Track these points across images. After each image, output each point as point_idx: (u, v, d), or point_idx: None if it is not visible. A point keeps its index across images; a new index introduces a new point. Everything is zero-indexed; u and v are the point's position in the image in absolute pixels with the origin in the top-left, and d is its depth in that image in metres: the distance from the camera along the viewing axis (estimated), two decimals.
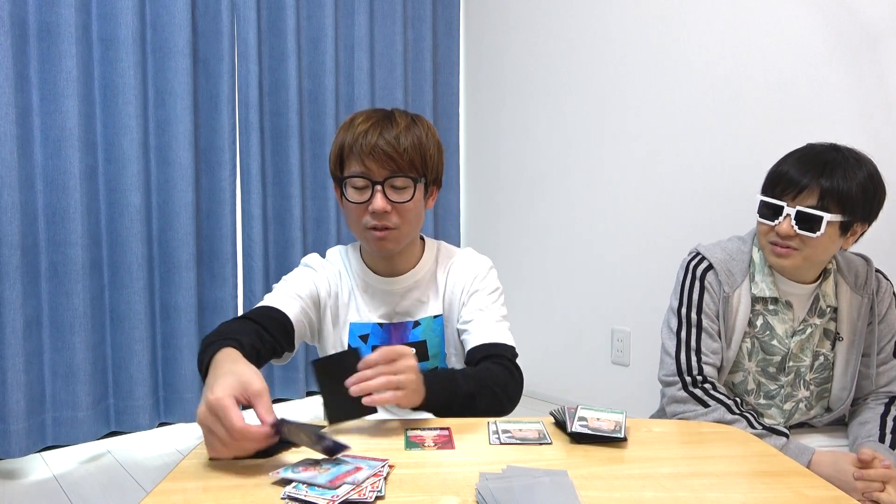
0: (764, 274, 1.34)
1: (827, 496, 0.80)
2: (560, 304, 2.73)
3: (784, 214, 1.24)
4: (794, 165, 1.26)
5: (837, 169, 1.22)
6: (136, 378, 2.23)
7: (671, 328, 1.38)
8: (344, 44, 2.73)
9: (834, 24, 1.88)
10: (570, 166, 2.65)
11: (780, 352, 1.34)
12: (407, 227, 1.17)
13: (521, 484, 0.79)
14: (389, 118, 1.15)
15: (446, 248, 1.31)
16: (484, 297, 1.24)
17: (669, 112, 2.30)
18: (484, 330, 1.20)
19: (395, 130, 1.13)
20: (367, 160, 1.12)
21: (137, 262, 2.22)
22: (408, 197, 1.15)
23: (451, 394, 1.04)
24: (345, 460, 0.85)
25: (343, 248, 1.31)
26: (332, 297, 1.25)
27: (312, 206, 2.69)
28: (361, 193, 1.14)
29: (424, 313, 1.25)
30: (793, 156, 1.29)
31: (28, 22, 2.01)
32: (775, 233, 1.26)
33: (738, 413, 1.27)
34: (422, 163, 1.16)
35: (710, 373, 1.33)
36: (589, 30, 2.55)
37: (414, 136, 1.14)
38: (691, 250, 1.42)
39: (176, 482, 0.82)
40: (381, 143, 1.11)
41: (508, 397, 1.11)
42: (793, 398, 1.36)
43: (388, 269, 1.25)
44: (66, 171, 2.07)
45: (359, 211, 1.15)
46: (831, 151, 1.26)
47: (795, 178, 1.24)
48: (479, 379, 1.09)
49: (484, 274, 1.27)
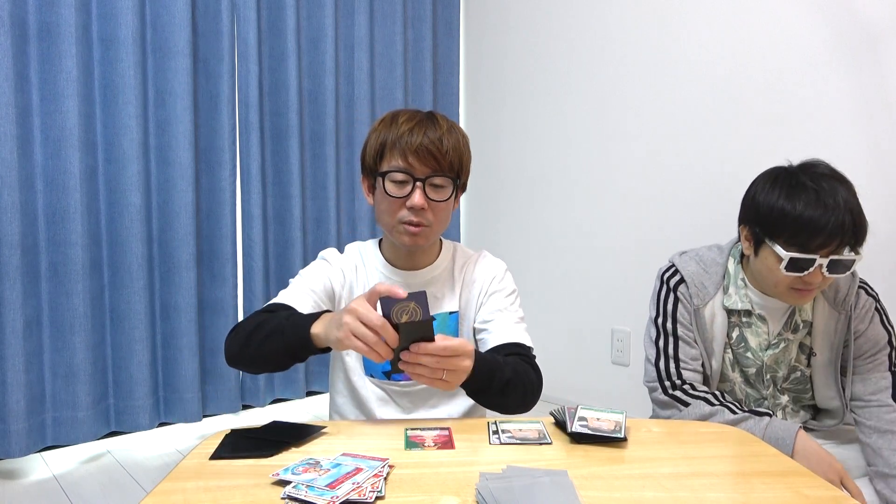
0: (738, 286, 1.34)
1: (827, 496, 0.80)
2: (560, 304, 2.73)
3: (815, 265, 1.18)
4: (816, 211, 1.16)
5: (851, 203, 1.18)
6: (136, 378, 2.23)
7: (651, 337, 1.40)
8: (344, 44, 2.73)
9: (834, 24, 1.88)
10: (570, 166, 2.65)
11: (755, 364, 1.35)
12: (439, 225, 1.21)
13: (521, 484, 0.79)
14: (432, 119, 1.19)
15: (462, 249, 1.35)
16: (503, 298, 1.27)
17: (669, 112, 2.30)
18: (505, 329, 1.22)
19: (438, 132, 1.17)
20: (411, 156, 1.15)
21: (137, 262, 2.22)
22: (445, 196, 1.18)
23: (491, 380, 1.06)
24: (345, 461, 0.85)
25: (361, 244, 1.33)
26: (346, 289, 1.27)
27: (312, 206, 2.69)
28: (401, 188, 1.17)
29: (440, 309, 1.27)
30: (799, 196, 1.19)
31: (28, 22, 2.01)
32: (802, 281, 1.21)
33: (717, 404, 1.27)
34: (459, 165, 1.20)
35: (691, 377, 1.35)
36: (589, 30, 2.55)
37: (455, 140, 1.19)
38: (669, 260, 1.43)
39: (176, 482, 0.82)
40: (425, 141, 1.15)
41: (532, 395, 1.13)
42: (778, 406, 1.37)
43: (407, 264, 1.27)
44: (66, 171, 2.07)
45: (395, 205, 1.18)
46: (827, 180, 1.20)
47: (831, 230, 1.15)
48: (515, 371, 1.10)
49: (502, 275, 1.30)
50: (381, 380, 1.26)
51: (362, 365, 1.26)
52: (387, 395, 1.26)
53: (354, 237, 2.80)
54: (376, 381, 1.26)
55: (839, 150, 1.85)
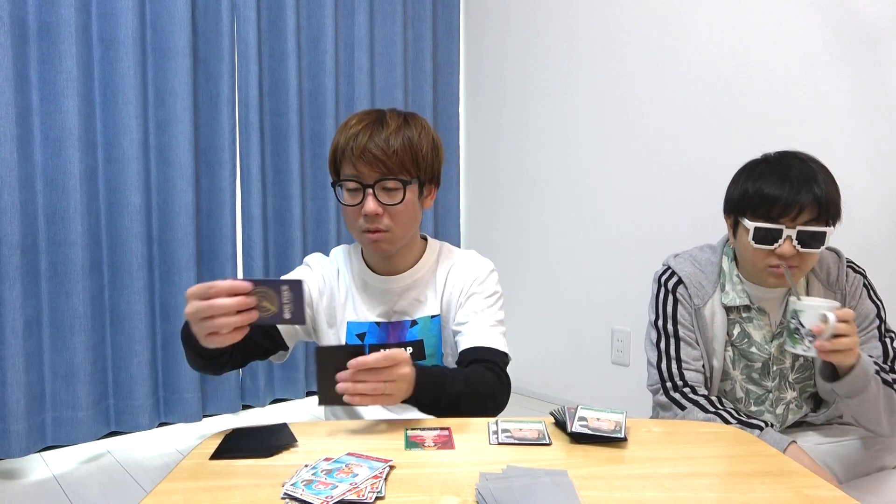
0: (733, 283, 1.36)
1: (827, 496, 0.80)
2: (560, 304, 2.73)
3: (784, 237, 1.22)
4: (779, 185, 1.22)
5: (818, 178, 1.22)
6: (136, 378, 2.23)
7: (652, 340, 1.41)
8: (344, 44, 2.73)
9: (834, 24, 1.88)
10: (570, 166, 2.65)
11: (761, 358, 1.35)
12: (400, 228, 1.17)
13: (521, 484, 0.79)
14: (381, 120, 1.16)
15: (448, 249, 1.32)
16: (481, 300, 1.24)
17: (669, 112, 2.30)
18: (477, 333, 1.20)
19: (385, 132, 1.13)
20: (358, 163, 1.13)
21: (137, 262, 2.22)
22: (398, 199, 1.15)
23: (439, 394, 1.06)
24: (349, 460, 0.85)
25: (346, 247, 1.32)
26: (325, 296, 1.26)
27: (312, 206, 2.69)
28: (354, 196, 1.16)
29: (422, 313, 1.25)
30: (767, 174, 1.26)
31: (28, 22, 2.01)
32: (775, 255, 1.23)
33: (711, 412, 1.28)
34: (413, 163, 1.16)
35: (694, 378, 1.35)
36: (589, 30, 2.55)
37: (405, 138, 1.15)
38: (663, 263, 1.44)
39: (176, 482, 0.82)
40: (370, 145, 1.12)
41: (494, 403, 1.12)
42: (782, 401, 1.37)
43: (387, 268, 1.25)
44: (66, 171, 2.07)
45: (353, 213, 1.16)
46: (797, 160, 1.25)
47: (788, 197, 1.20)
48: (468, 382, 1.09)
49: (483, 277, 1.26)
50: None
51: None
52: None
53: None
54: None
55: (839, 150, 1.85)
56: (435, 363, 1.26)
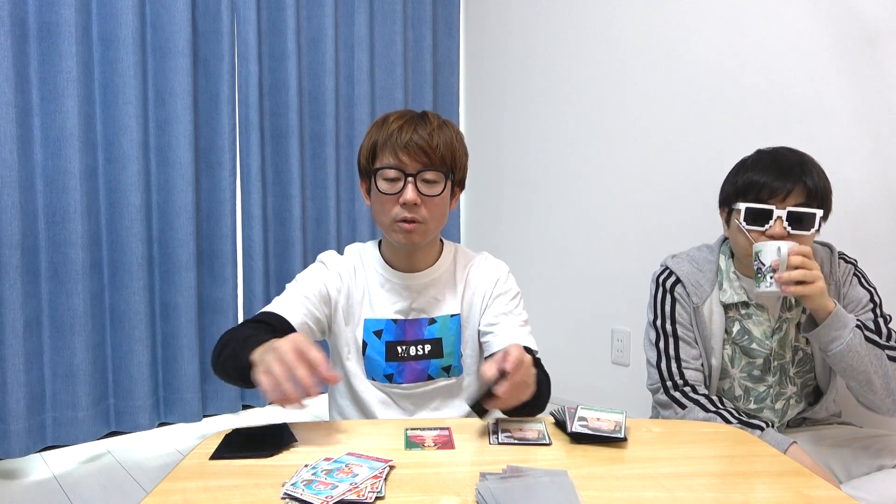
0: (730, 280, 1.37)
1: (827, 496, 0.80)
2: (560, 304, 2.73)
3: (774, 217, 1.24)
4: (770, 171, 1.27)
5: (807, 167, 1.26)
6: (136, 378, 2.23)
7: (651, 340, 1.42)
8: (344, 44, 2.73)
9: (834, 24, 1.88)
10: (570, 166, 2.65)
11: (762, 353, 1.36)
12: (434, 221, 1.20)
13: (521, 484, 0.79)
14: (423, 117, 1.20)
15: (464, 250, 1.35)
16: (508, 300, 1.28)
17: (670, 112, 2.30)
18: (511, 333, 1.23)
19: (428, 128, 1.17)
20: (401, 153, 1.16)
21: (137, 262, 2.22)
22: (438, 191, 1.18)
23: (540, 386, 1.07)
24: (349, 460, 0.85)
25: (361, 245, 1.33)
26: (343, 294, 1.26)
27: (312, 206, 2.69)
28: (393, 185, 1.17)
29: (440, 311, 1.27)
30: (758, 164, 1.30)
31: (28, 22, 2.01)
32: (767, 237, 1.25)
33: (712, 411, 1.28)
34: (452, 161, 1.20)
35: (693, 377, 1.36)
36: (589, 30, 2.55)
37: (446, 135, 1.19)
38: (661, 263, 1.46)
39: (176, 482, 0.82)
40: (415, 137, 1.16)
41: (545, 399, 1.14)
42: (782, 396, 1.38)
43: (407, 265, 1.26)
44: (66, 171, 2.07)
45: (389, 202, 1.18)
46: (791, 153, 1.29)
47: (779, 180, 1.25)
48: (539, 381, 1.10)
49: (506, 277, 1.31)
50: (382, 383, 1.25)
51: (363, 369, 1.26)
52: (389, 398, 1.26)
53: (354, 237, 2.80)
54: (378, 384, 1.25)
55: (839, 150, 1.85)
56: (453, 362, 1.27)
